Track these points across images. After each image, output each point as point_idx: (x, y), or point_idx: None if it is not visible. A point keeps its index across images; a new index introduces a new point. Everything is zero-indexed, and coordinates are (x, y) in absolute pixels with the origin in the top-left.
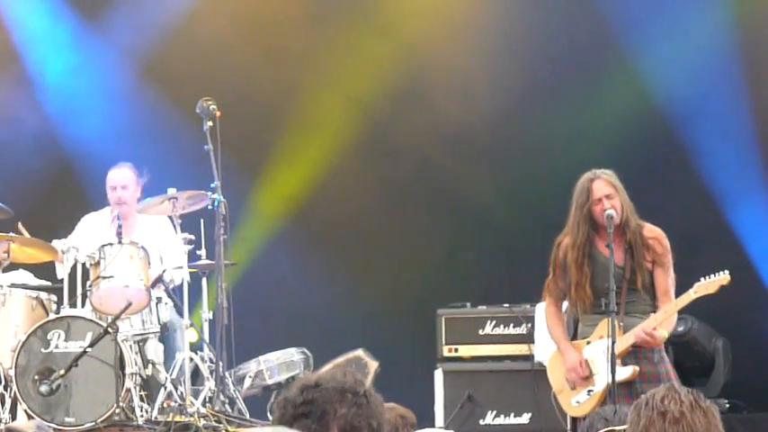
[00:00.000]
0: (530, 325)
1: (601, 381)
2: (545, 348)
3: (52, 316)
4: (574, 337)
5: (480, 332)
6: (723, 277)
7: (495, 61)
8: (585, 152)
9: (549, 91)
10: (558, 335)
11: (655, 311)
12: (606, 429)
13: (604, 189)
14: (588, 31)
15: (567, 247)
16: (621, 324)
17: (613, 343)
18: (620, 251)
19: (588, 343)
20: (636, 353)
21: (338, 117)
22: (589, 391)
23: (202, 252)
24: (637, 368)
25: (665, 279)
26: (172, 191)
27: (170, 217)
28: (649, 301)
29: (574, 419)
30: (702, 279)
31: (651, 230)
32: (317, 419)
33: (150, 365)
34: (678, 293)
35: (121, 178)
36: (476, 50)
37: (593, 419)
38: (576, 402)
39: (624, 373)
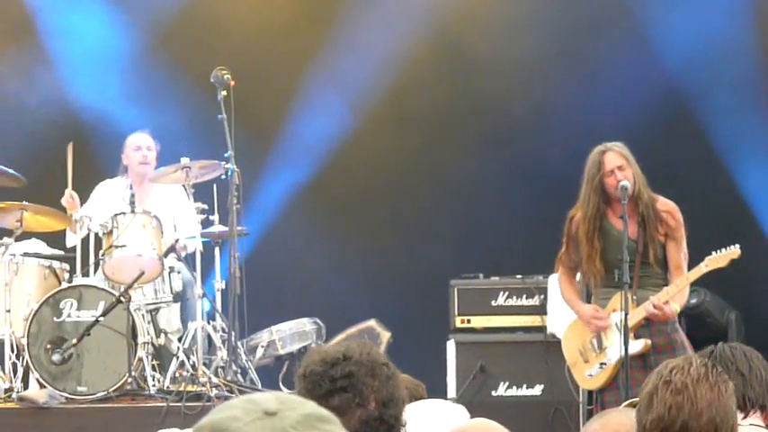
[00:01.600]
0: (542, 296)
1: (613, 353)
2: (558, 320)
3: (65, 285)
4: None
5: (493, 303)
6: (734, 251)
7: (503, 27)
8: (599, 122)
9: (563, 60)
10: (570, 296)
11: (667, 285)
12: (627, 402)
13: (616, 160)
14: (604, 4)
15: (578, 221)
16: (635, 297)
17: (626, 315)
18: (633, 224)
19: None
20: (649, 325)
21: (351, 88)
22: (602, 364)
23: (215, 218)
24: (648, 341)
25: (678, 253)
26: (185, 160)
27: (183, 186)
28: (662, 274)
29: (588, 392)
30: (714, 253)
31: (665, 204)
32: (358, 393)
33: (162, 335)
34: (690, 264)
35: (146, 140)
36: (491, 19)
37: None
38: (589, 375)
39: (636, 346)
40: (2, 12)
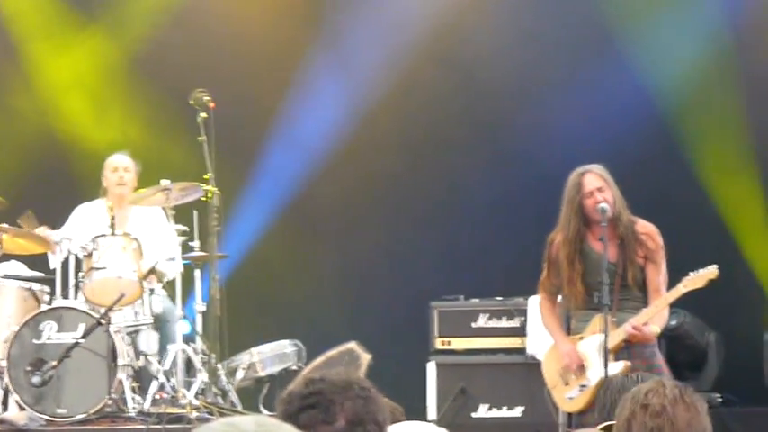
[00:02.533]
0: (523, 318)
1: (593, 375)
2: (538, 341)
3: (45, 307)
4: (567, 332)
5: (473, 325)
6: (711, 271)
7: (490, 52)
8: (580, 146)
9: (545, 83)
10: (552, 326)
11: (646, 307)
12: (602, 425)
13: (595, 182)
14: (585, 23)
15: (559, 245)
16: (614, 320)
17: (606, 337)
18: (613, 247)
19: (581, 338)
20: (629, 348)
21: (332, 110)
22: (582, 386)
23: (195, 244)
24: (628, 363)
25: (657, 275)
26: (165, 182)
27: (163, 208)
28: (641, 297)
29: (568, 414)
30: (691, 273)
31: (644, 226)
32: (324, 410)
33: (142, 357)
34: (670, 286)
35: (123, 161)
36: (472, 41)
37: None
38: (569, 398)
39: (615, 368)
40: None
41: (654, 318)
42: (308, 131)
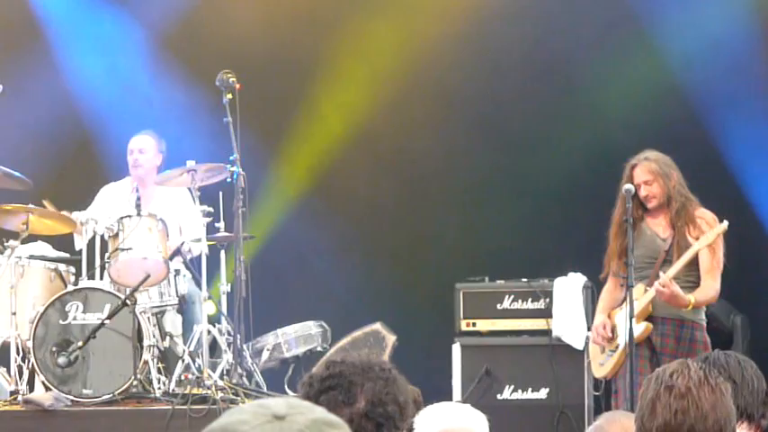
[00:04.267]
0: (548, 300)
1: (621, 342)
2: (563, 323)
3: (70, 288)
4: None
5: (498, 306)
6: (721, 226)
7: (515, 36)
8: (606, 131)
9: (572, 68)
10: (599, 305)
11: (696, 287)
12: None
13: (642, 176)
14: (612, 9)
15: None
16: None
17: (631, 318)
18: (668, 226)
19: (621, 309)
20: (663, 324)
21: (357, 92)
22: (611, 351)
23: (221, 225)
24: (650, 325)
25: (709, 259)
26: (191, 163)
27: (189, 189)
28: (692, 278)
29: (595, 396)
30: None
31: (703, 212)
32: (345, 391)
33: (168, 338)
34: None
35: (140, 142)
36: (494, 26)
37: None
38: (601, 364)
39: (636, 330)
40: (8, 14)
41: (700, 291)
42: (335, 112)
